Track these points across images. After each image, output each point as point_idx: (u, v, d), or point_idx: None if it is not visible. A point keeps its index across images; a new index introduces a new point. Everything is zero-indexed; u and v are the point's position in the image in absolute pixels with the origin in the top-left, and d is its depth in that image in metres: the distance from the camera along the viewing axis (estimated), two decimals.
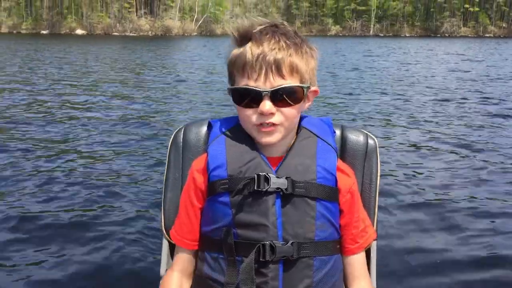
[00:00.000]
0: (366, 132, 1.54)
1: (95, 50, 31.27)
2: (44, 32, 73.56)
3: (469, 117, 8.81)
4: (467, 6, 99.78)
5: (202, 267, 1.33)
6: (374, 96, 11.55)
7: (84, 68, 18.04)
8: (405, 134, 7.37)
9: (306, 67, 1.29)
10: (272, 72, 1.23)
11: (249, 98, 1.25)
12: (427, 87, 13.23)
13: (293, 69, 1.25)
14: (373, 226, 1.46)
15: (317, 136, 1.36)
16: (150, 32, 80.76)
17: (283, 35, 1.27)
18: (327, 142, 1.36)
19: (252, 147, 1.32)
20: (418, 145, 6.67)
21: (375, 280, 1.53)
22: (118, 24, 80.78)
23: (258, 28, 1.27)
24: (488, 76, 16.30)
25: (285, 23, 1.33)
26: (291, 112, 1.27)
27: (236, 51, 1.29)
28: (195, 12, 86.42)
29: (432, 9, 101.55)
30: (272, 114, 1.24)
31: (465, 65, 21.00)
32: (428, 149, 6.44)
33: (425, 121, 8.40)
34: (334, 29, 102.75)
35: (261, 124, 1.26)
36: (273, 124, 1.26)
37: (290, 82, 1.25)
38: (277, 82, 1.23)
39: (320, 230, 1.28)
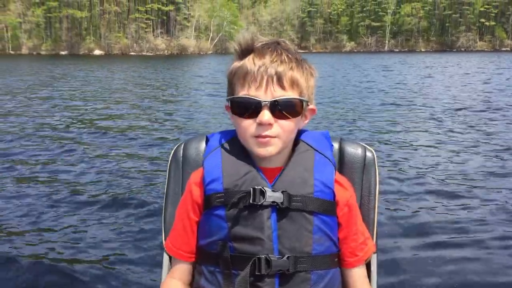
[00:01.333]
0: (364, 144, 1.53)
1: (121, 69, 31.95)
2: (63, 53, 75.22)
3: (479, 130, 8.76)
4: (483, 20, 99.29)
5: (200, 280, 1.32)
6: (396, 110, 11.39)
7: (109, 85, 18.33)
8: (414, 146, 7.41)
9: (306, 84, 1.29)
10: (273, 83, 1.23)
11: (248, 108, 1.24)
12: (446, 102, 13.07)
13: (294, 83, 1.25)
14: (373, 238, 1.45)
15: (315, 150, 1.35)
16: (166, 51, 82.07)
17: (285, 50, 1.28)
18: (324, 156, 1.34)
19: (248, 160, 1.31)
20: (425, 155, 6.73)
21: None
22: (135, 44, 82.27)
23: (260, 42, 1.29)
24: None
25: (287, 41, 1.33)
26: (289, 125, 1.26)
27: (237, 63, 1.29)
28: (211, 31, 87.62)
29: (447, 24, 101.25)
30: (271, 125, 1.23)
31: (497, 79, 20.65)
32: (436, 160, 6.49)
33: (435, 133, 8.42)
34: (349, 45, 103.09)
35: (259, 136, 1.25)
36: (270, 137, 1.25)
37: (291, 94, 1.25)
38: (278, 93, 1.23)
39: (317, 244, 1.26)
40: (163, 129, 9.11)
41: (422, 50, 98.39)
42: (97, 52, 77.56)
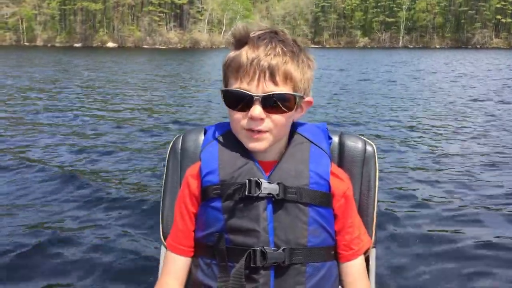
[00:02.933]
0: (364, 138, 1.53)
1: (142, 61, 31.83)
2: (77, 45, 75.67)
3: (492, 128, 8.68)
4: (499, 17, 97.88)
5: (196, 273, 1.32)
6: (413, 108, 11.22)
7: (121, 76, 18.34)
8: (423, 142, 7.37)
9: (301, 76, 1.26)
10: (265, 77, 1.20)
11: (240, 101, 1.23)
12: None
13: (287, 77, 1.23)
14: (372, 232, 1.45)
15: (311, 142, 1.34)
16: (178, 45, 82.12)
17: (281, 42, 1.24)
18: (320, 148, 1.33)
19: (245, 152, 1.30)
20: (431, 153, 6.68)
21: (374, 287, 1.51)
22: (148, 37, 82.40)
23: (256, 33, 1.26)
24: None
25: (285, 30, 1.30)
26: (281, 119, 1.25)
27: (232, 54, 1.27)
28: (223, 24, 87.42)
29: (463, 20, 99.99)
30: (262, 120, 1.22)
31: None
32: (438, 157, 6.44)
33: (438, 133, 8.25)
34: (363, 41, 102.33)
35: (250, 129, 1.24)
36: (261, 131, 1.24)
37: (283, 89, 1.22)
38: (269, 88, 1.21)
39: (312, 236, 1.25)
40: (171, 121, 9.14)
41: (437, 46, 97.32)
42: (110, 44, 77.94)
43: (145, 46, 79.05)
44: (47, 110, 10.37)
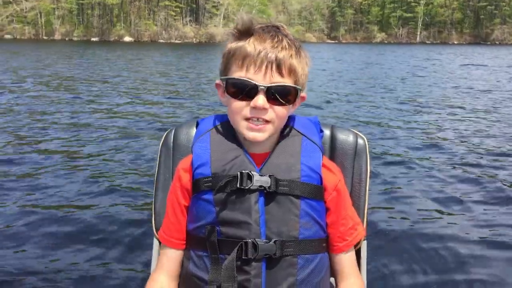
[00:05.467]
0: (355, 131, 1.54)
1: (158, 56, 31.93)
2: (94, 39, 76.04)
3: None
4: None
5: (188, 265, 1.33)
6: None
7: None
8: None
9: (302, 72, 1.29)
10: (272, 68, 1.22)
11: (244, 90, 1.24)
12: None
13: (292, 71, 1.26)
14: (363, 225, 1.45)
15: (303, 135, 1.35)
16: (194, 39, 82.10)
17: (285, 36, 1.27)
18: (312, 141, 1.34)
19: (237, 144, 1.31)
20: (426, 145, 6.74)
21: (365, 279, 1.52)
22: (164, 32, 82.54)
23: (259, 25, 1.28)
24: None
25: (285, 25, 1.32)
26: (282, 111, 1.27)
27: (235, 44, 1.27)
28: None
29: (482, 16, 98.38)
30: (265, 109, 1.24)
31: None
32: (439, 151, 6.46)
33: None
34: (379, 36, 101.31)
35: (251, 119, 1.25)
36: (265, 121, 1.25)
37: (287, 81, 1.25)
38: (275, 79, 1.23)
39: (304, 228, 1.27)
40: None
41: (455, 42, 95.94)
42: (127, 39, 78.18)
43: (161, 41, 79.21)
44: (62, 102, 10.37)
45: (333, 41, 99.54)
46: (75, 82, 14.42)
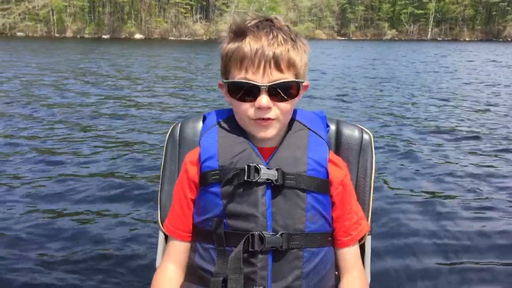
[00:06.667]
0: (361, 126, 1.54)
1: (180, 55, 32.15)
2: (105, 36, 76.51)
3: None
4: None
5: (194, 257, 1.33)
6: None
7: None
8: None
9: (301, 62, 1.28)
10: (270, 66, 1.22)
11: (246, 92, 1.24)
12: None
13: (291, 64, 1.25)
14: (368, 220, 1.46)
15: (309, 129, 1.36)
16: (204, 37, 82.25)
17: (279, 30, 1.26)
18: (319, 135, 1.35)
19: (244, 138, 1.32)
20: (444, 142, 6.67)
21: (369, 274, 1.53)
22: (174, 29, 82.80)
23: (254, 22, 1.27)
24: None
25: (279, 17, 1.31)
26: (287, 107, 1.28)
27: (232, 45, 1.27)
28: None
29: (494, 12, 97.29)
30: (270, 108, 1.25)
31: None
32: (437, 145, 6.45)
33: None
34: (390, 33, 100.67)
35: (258, 119, 1.26)
36: (270, 119, 1.26)
37: (288, 76, 1.25)
38: (275, 76, 1.23)
39: (310, 221, 1.27)
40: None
41: (467, 39, 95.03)
42: (137, 36, 78.52)
43: (171, 38, 79.47)
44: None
45: (343, 38, 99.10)
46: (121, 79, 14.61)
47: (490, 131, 7.41)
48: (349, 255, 1.37)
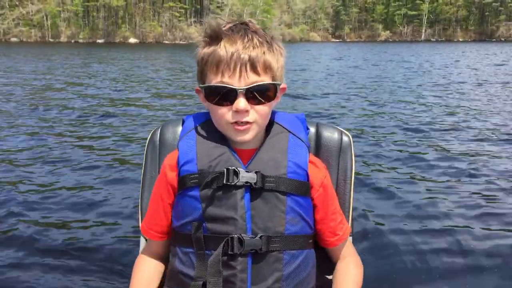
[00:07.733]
0: (340, 129, 1.55)
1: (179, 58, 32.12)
2: (99, 41, 76.44)
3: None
4: None
5: (174, 262, 1.33)
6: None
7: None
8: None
9: (277, 65, 1.28)
10: (246, 69, 1.22)
11: (224, 96, 1.24)
12: None
13: (267, 67, 1.25)
14: (349, 222, 1.47)
15: (289, 132, 1.36)
16: None
17: (254, 33, 1.26)
18: (299, 138, 1.35)
19: (223, 141, 1.31)
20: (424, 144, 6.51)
21: None
22: (168, 33, 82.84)
23: (228, 26, 1.26)
24: None
25: (253, 21, 1.31)
26: (264, 109, 1.27)
27: (207, 49, 1.26)
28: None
29: (487, 13, 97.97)
30: (247, 112, 1.24)
31: None
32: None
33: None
34: (384, 34, 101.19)
35: (236, 122, 1.25)
36: (248, 122, 1.25)
37: (264, 79, 1.24)
38: (252, 79, 1.22)
39: (290, 224, 1.27)
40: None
41: (460, 40, 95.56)
42: (132, 40, 78.53)
43: (166, 42, 79.48)
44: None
45: (337, 40, 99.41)
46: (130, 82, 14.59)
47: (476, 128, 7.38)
48: (339, 251, 1.40)
